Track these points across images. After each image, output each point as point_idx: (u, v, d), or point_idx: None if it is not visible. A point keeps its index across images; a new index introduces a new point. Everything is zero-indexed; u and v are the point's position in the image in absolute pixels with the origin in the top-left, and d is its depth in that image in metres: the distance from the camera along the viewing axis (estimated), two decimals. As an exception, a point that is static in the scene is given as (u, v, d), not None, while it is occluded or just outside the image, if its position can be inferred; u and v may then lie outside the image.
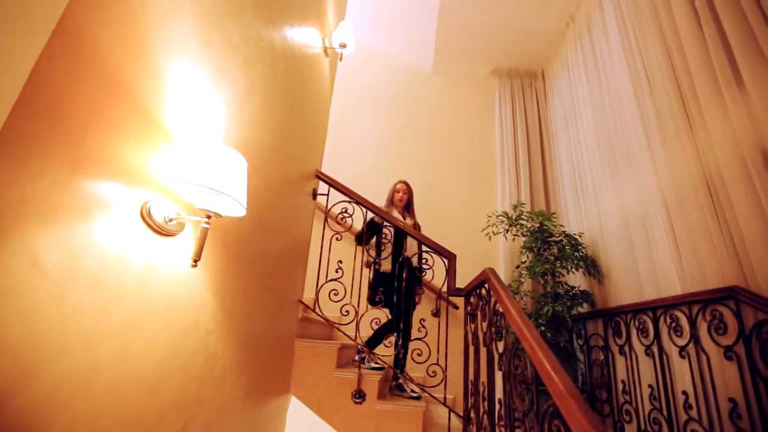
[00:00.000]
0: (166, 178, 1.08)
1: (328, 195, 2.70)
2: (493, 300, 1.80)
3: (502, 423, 1.56)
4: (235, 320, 1.58)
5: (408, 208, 3.09)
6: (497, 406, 1.63)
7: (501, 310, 1.58)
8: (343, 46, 2.79)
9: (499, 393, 3.00)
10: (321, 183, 2.82)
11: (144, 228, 0.99)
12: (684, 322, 2.28)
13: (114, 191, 0.90)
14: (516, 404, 1.36)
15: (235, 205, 1.12)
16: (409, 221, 3.01)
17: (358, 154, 4.59)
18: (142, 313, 1.01)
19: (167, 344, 1.14)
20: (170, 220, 1.06)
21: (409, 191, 3.11)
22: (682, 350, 2.25)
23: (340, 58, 2.99)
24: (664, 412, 2.33)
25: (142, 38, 0.95)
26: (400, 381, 2.51)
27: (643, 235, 2.79)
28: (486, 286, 1.95)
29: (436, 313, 2.83)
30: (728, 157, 2.08)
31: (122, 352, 0.94)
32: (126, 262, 0.95)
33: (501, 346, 1.66)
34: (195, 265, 1.09)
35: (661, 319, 2.47)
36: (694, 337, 2.18)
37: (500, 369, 1.56)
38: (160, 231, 1.04)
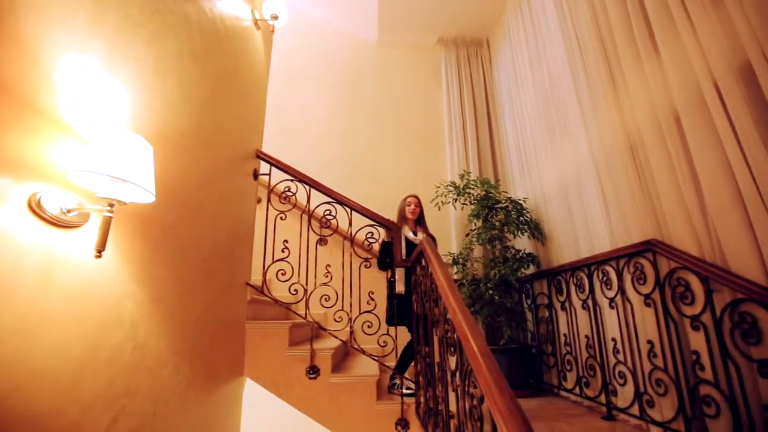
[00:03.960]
0: (60, 168, 1.01)
1: (270, 175, 2.64)
2: (430, 269, 1.86)
3: (440, 384, 1.64)
4: (169, 308, 1.55)
5: (419, 221, 3.01)
6: (436, 369, 1.72)
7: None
8: (275, 17, 2.66)
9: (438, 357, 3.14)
10: (263, 163, 2.74)
11: (35, 221, 0.93)
12: (613, 275, 2.45)
13: (-8, 184, 0.84)
14: (448, 365, 1.44)
15: (140, 191, 1.07)
16: (420, 236, 2.89)
17: (304, 131, 4.48)
18: (45, 311, 0.96)
19: (83, 339, 1.10)
20: (69, 211, 1.00)
21: (420, 204, 3.03)
22: (611, 301, 2.43)
23: (272, 31, 2.85)
24: (598, 359, 2.53)
25: (6, 22, 0.87)
26: (396, 381, 2.52)
27: (579, 197, 2.95)
28: (426, 255, 2.00)
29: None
30: (647, 121, 2.21)
31: (21, 352, 0.90)
32: (17, 258, 0.89)
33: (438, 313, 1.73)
34: (99, 256, 1.04)
35: (595, 274, 2.65)
36: (621, 289, 2.36)
37: (437, 334, 1.63)
38: (58, 223, 0.98)
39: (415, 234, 2.89)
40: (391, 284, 2.70)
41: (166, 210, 1.52)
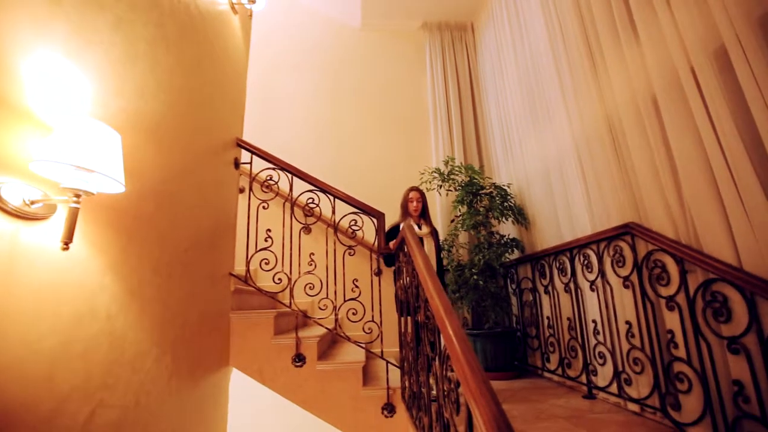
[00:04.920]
0: (22, 159, 0.98)
1: (251, 163, 2.60)
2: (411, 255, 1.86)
3: (423, 369, 1.67)
4: (147, 300, 1.53)
5: (423, 215, 2.96)
6: (418, 354, 1.74)
7: (417, 264, 1.64)
8: (252, 1, 2.58)
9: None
10: (244, 151, 2.70)
11: (-4, 214, 0.90)
12: (593, 259, 2.50)
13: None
14: (428, 350, 1.45)
15: (108, 181, 1.04)
16: (425, 229, 2.87)
17: (286, 118, 4.41)
18: (13, 304, 0.94)
19: (56, 332, 1.08)
20: (33, 203, 0.97)
21: (422, 198, 2.97)
22: (592, 284, 2.48)
23: (250, 15, 2.77)
24: (579, 340, 2.59)
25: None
26: None
27: (561, 181, 2.97)
28: (409, 242, 2.01)
29: (378, 272, 2.90)
30: (626, 104, 2.22)
31: (-12, 347, 0.88)
32: (-22, 252, 0.87)
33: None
34: (66, 248, 1.02)
35: (576, 258, 2.69)
36: (601, 272, 2.40)
37: (416, 320, 1.65)
38: (21, 215, 0.96)
39: (420, 227, 2.88)
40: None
41: (141, 200, 1.49)
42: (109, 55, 1.32)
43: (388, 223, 2.64)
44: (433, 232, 2.95)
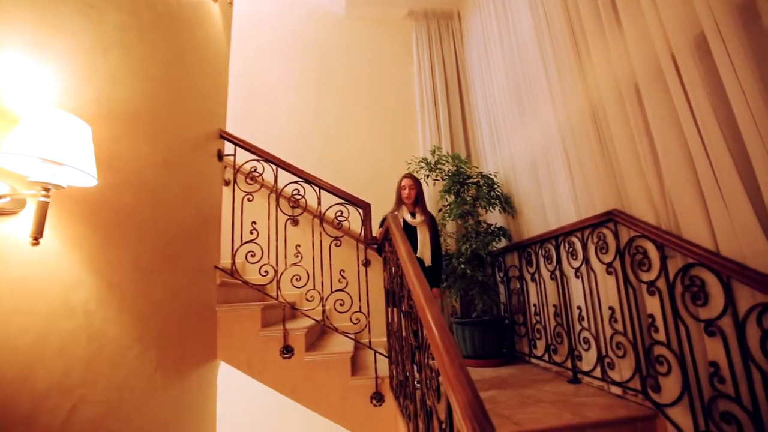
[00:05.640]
0: (-13, 151, 0.95)
1: (234, 155, 2.57)
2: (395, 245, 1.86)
3: (408, 358, 1.68)
4: (128, 295, 1.51)
5: (418, 202, 2.84)
6: (404, 344, 1.75)
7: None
8: (232, -12, 2.52)
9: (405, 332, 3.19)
10: (227, 143, 2.66)
11: (-40, 209, 0.88)
12: (578, 246, 2.53)
13: None
14: (411, 339, 1.46)
15: (79, 174, 1.01)
16: (419, 218, 2.77)
17: (270, 108, 4.34)
18: (-17, 302, 0.92)
19: (31, 330, 1.06)
20: (0, 197, 0.95)
21: (416, 185, 2.84)
22: (576, 271, 2.51)
23: (230, 3, 2.70)
24: (565, 326, 2.63)
25: None
26: None
27: (546, 169, 2.99)
28: (394, 232, 2.00)
29: (365, 263, 2.90)
30: (610, 93, 2.23)
31: (-44, 346, 0.86)
32: (-57, 249, 0.84)
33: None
34: (36, 243, 1.00)
35: (561, 245, 2.72)
36: (585, 259, 2.43)
37: (401, 310, 1.65)
38: (-12, 210, 0.93)
39: (414, 216, 2.78)
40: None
41: (118, 193, 1.46)
42: (79, 45, 1.28)
43: (375, 213, 2.63)
44: (428, 221, 2.84)
